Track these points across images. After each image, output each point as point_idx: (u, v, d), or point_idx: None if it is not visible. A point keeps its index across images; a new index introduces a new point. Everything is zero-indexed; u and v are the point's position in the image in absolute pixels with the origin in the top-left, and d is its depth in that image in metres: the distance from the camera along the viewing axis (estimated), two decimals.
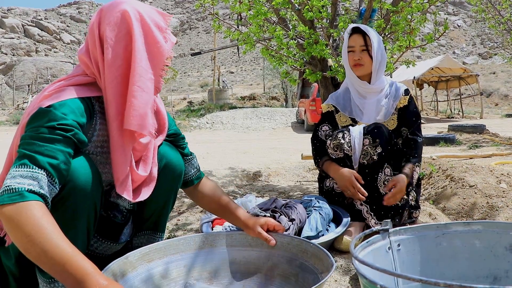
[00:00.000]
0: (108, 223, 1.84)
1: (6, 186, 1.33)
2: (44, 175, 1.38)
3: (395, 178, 2.49)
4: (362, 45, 2.70)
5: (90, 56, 1.63)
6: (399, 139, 2.72)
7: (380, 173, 2.53)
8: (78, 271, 1.25)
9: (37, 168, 1.38)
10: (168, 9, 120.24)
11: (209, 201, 2.07)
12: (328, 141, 2.67)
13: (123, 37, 1.60)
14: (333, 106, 2.87)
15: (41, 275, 1.57)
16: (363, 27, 2.71)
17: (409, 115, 2.75)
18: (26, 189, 1.32)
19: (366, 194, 2.48)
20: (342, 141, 2.59)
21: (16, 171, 1.36)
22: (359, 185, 2.49)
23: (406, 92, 2.81)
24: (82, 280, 1.24)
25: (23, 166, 1.37)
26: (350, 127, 2.65)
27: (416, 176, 2.63)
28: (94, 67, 1.62)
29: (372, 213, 2.51)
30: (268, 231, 1.93)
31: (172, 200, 2.02)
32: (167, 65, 1.71)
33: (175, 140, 2.02)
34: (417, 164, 2.61)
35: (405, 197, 2.58)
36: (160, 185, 1.87)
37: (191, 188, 2.08)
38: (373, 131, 2.55)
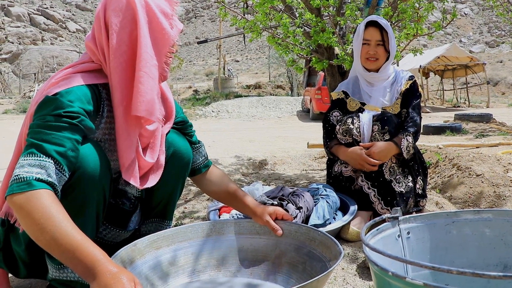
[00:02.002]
0: (117, 211, 1.85)
1: (15, 176, 1.34)
2: (51, 163, 1.39)
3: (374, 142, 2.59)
4: (378, 40, 2.72)
5: (96, 42, 1.63)
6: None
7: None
8: (88, 258, 1.26)
9: (44, 156, 1.38)
10: None
11: (217, 189, 2.06)
12: (338, 126, 2.72)
13: (128, 23, 1.59)
14: (343, 93, 2.90)
15: (50, 261, 1.58)
16: (380, 21, 2.71)
17: (410, 96, 2.78)
18: (34, 177, 1.33)
19: (376, 162, 2.52)
20: (351, 126, 2.63)
21: (24, 160, 1.38)
22: (366, 156, 2.53)
23: (411, 77, 2.85)
24: (92, 267, 1.25)
25: (30, 155, 1.38)
26: (360, 114, 2.68)
27: (405, 148, 2.57)
28: (100, 54, 1.62)
29: (379, 198, 2.53)
30: (276, 220, 1.93)
31: (180, 188, 2.03)
32: (173, 52, 1.70)
33: (183, 128, 2.01)
34: (407, 134, 2.59)
35: (410, 184, 2.60)
36: (168, 173, 1.87)
37: (199, 176, 2.08)
38: (383, 119, 2.62)
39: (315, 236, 1.82)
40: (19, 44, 79.36)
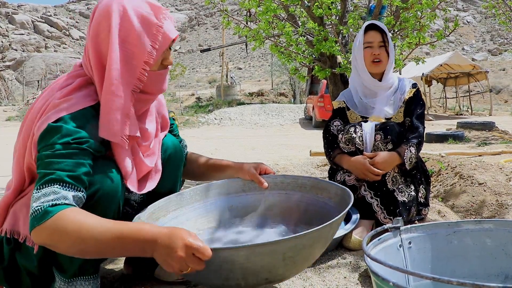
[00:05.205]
0: (122, 215, 1.86)
1: (32, 210, 1.35)
2: (66, 187, 1.39)
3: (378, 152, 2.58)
4: (380, 41, 2.73)
5: (86, 56, 1.61)
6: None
7: None
8: (137, 237, 1.33)
9: (57, 184, 1.39)
10: (176, 5, 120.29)
11: (197, 167, 2.12)
12: (340, 135, 2.71)
13: (105, 37, 1.54)
14: (344, 102, 2.89)
15: (60, 274, 1.58)
16: (379, 24, 2.74)
17: (414, 105, 2.77)
18: (50, 204, 1.34)
19: (379, 172, 2.52)
20: (354, 135, 2.62)
21: (38, 191, 1.38)
22: (370, 166, 2.52)
23: (414, 85, 2.85)
24: (145, 242, 1.32)
25: (44, 186, 1.38)
26: (362, 123, 2.68)
27: (407, 159, 2.56)
28: (90, 71, 1.60)
29: (382, 207, 2.53)
30: (260, 174, 1.99)
31: (179, 185, 2.07)
32: (146, 70, 1.59)
33: (170, 129, 2.05)
34: (410, 144, 2.58)
35: (412, 193, 2.60)
36: (167, 174, 1.91)
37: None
38: (386, 128, 2.60)
39: (304, 182, 1.86)
40: (23, 51, 79.73)
